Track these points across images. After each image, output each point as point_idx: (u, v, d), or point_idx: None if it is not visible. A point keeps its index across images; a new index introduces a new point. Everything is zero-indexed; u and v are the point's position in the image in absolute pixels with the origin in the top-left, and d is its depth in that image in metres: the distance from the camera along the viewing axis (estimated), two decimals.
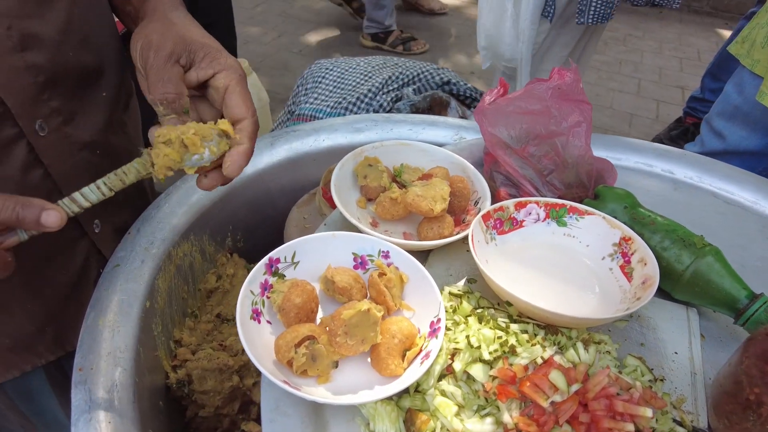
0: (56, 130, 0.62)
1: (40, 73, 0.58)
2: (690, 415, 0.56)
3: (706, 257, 0.64)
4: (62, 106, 0.62)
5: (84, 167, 0.66)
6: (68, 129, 0.63)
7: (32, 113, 0.59)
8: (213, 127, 0.51)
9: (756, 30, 1.12)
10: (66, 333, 0.71)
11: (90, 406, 0.58)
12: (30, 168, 0.60)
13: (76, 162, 0.65)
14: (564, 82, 0.71)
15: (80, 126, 0.65)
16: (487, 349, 0.54)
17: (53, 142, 0.62)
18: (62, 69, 0.61)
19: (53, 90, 0.61)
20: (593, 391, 0.50)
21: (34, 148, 0.60)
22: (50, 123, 0.61)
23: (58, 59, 0.60)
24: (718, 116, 1.21)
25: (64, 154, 0.63)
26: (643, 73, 3.24)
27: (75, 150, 0.65)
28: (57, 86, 0.61)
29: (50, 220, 0.47)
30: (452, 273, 0.70)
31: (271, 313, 0.60)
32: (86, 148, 0.67)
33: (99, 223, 0.72)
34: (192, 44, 0.54)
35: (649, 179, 0.90)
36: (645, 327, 0.65)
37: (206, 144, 0.50)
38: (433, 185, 0.70)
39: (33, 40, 0.57)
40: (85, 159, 0.66)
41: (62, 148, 0.63)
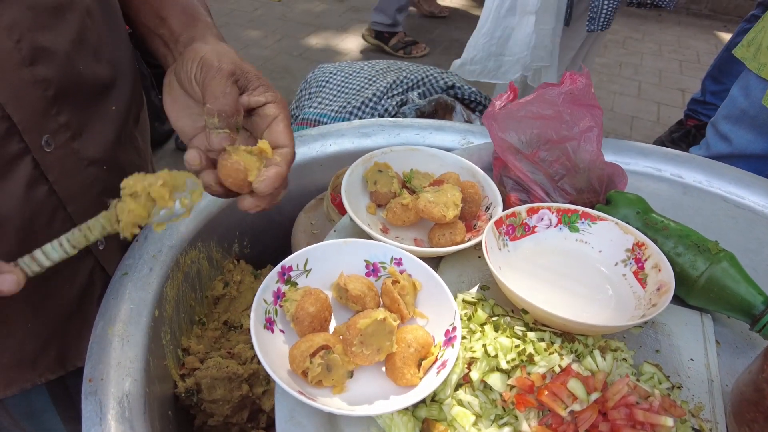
0: (63, 146, 0.60)
1: (50, 86, 0.57)
2: (708, 423, 0.55)
3: (721, 263, 0.63)
4: (71, 121, 0.60)
5: (91, 183, 0.64)
6: (76, 145, 0.62)
7: (39, 128, 0.57)
8: (187, 176, 0.47)
9: (762, 33, 1.12)
10: (68, 352, 0.68)
11: (101, 418, 0.57)
12: (34, 184, 0.58)
13: (83, 178, 0.63)
14: (576, 86, 0.71)
15: (88, 141, 0.63)
16: (505, 358, 0.54)
17: (60, 158, 0.60)
18: (73, 82, 0.59)
19: (62, 104, 0.59)
20: (613, 400, 0.50)
21: (39, 164, 0.58)
22: (57, 138, 0.59)
23: (69, 72, 0.59)
24: (724, 119, 1.21)
25: (70, 170, 0.61)
26: (643, 75, 3.25)
27: (82, 166, 0.63)
28: (67, 100, 0.59)
29: (5, 286, 0.44)
30: (465, 280, 0.69)
31: (284, 322, 0.59)
32: (94, 164, 0.64)
33: (104, 239, 0.69)
34: (248, 72, 0.56)
35: (659, 183, 0.89)
36: (660, 333, 0.64)
37: (177, 195, 0.46)
38: (445, 191, 0.70)
39: (43, 53, 0.55)
40: (92, 175, 0.64)
41: (69, 164, 0.61)
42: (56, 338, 0.67)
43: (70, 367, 0.69)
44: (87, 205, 0.64)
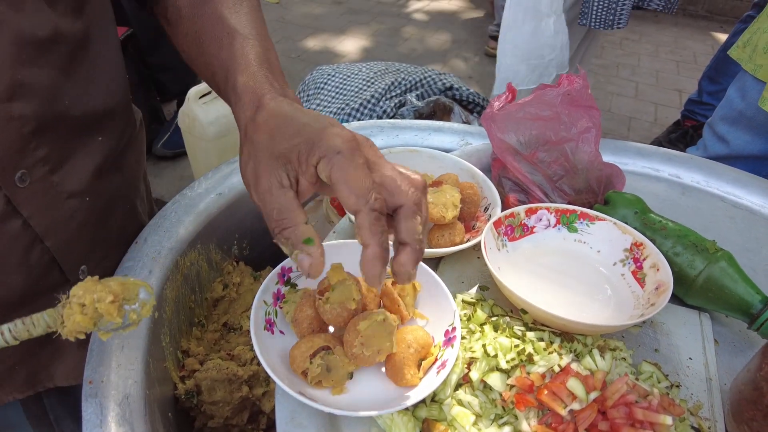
0: (41, 180, 0.56)
1: (28, 123, 0.52)
2: (707, 421, 0.55)
3: (719, 262, 0.64)
4: (50, 155, 0.56)
5: (70, 217, 0.61)
6: (55, 178, 0.57)
7: (14, 165, 0.52)
8: (141, 284, 0.44)
9: (758, 35, 1.13)
10: (38, 374, 0.66)
11: (101, 420, 0.57)
12: (6, 219, 0.54)
13: (63, 211, 0.60)
14: (573, 88, 0.71)
15: (69, 174, 0.59)
16: (505, 357, 0.54)
17: (35, 193, 0.55)
18: (55, 117, 0.55)
19: (42, 138, 0.54)
20: (612, 399, 0.50)
21: (11, 201, 0.53)
22: (34, 173, 0.54)
23: (52, 107, 0.54)
24: (721, 121, 1.22)
25: (47, 204, 0.57)
26: (640, 76, 3.26)
27: (61, 199, 0.59)
28: (46, 135, 0.55)
29: None
30: (464, 280, 0.69)
31: (283, 324, 0.59)
32: (74, 197, 0.60)
33: (86, 269, 0.65)
34: (288, 152, 0.44)
35: (657, 184, 0.90)
36: (658, 332, 0.64)
37: (127, 308, 0.44)
38: (444, 192, 0.70)
39: (22, 89, 0.51)
40: (72, 207, 0.60)
41: (46, 198, 0.57)
42: (24, 364, 0.64)
43: (40, 387, 0.68)
44: (66, 237, 0.61)
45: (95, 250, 0.67)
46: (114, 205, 0.69)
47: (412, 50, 3.51)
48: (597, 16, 1.59)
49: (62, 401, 0.75)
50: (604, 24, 1.62)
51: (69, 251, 0.62)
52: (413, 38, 3.66)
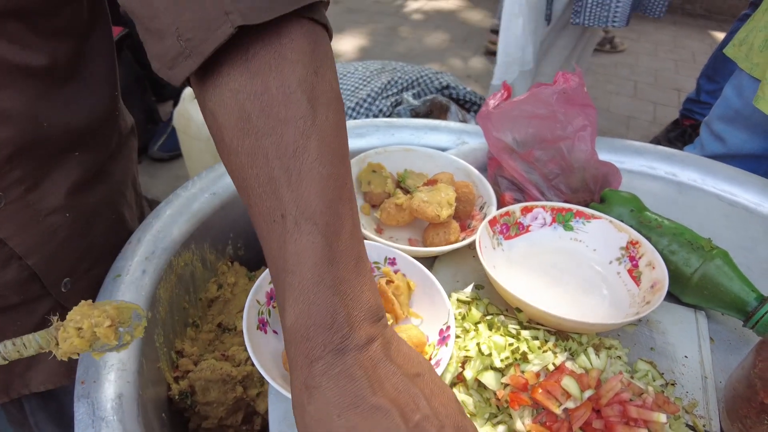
0: (16, 201, 0.54)
1: (4, 147, 0.51)
2: (702, 419, 0.55)
3: (715, 260, 0.64)
4: (26, 175, 0.54)
5: (51, 233, 0.59)
6: (31, 197, 0.55)
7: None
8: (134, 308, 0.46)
9: (754, 33, 1.12)
10: (12, 381, 0.66)
11: (93, 420, 0.57)
12: None
13: (41, 230, 0.58)
14: (569, 86, 0.71)
15: (46, 192, 0.57)
16: (499, 356, 0.54)
17: (12, 214, 0.54)
18: (32, 140, 0.53)
19: (19, 160, 0.53)
20: (606, 397, 0.50)
21: None
22: (9, 195, 0.53)
23: (29, 130, 0.52)
24: (718, 119, 1.22)
25: (24, 223, 0.56)
26: (639, 75, 3.26)
27: (39, 217, 0.57)
28: (24, 156, 0.53)
29: None
30: (459, 279, 0.69)
31: (277, 323, 0.59)
32: (53, 213, 0.59)
33: (69, 282, 0.64)
34: None
35: (653, 182, 0.89)
36: (654, 331, 0.64)
37: (122, 331, 0.45)
38: (439, 190, 0.70)
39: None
40: (52, 225, 0.59)
41: (23, 217, 0.55)
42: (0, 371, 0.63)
43: (14, 394, 0.67)
44: (48, 254, 0.60)
45: (80, 262, 0.66)
46: (98, 217, 0.68)
47: (410, 49, 3.51)
48: (591, 12, 1.59)
49: (43, 406, 0.74)
50: (598, 20, 1.61)
51: (51, 267, 0.61)
52: (411, 37, 3.66)
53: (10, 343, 0.44)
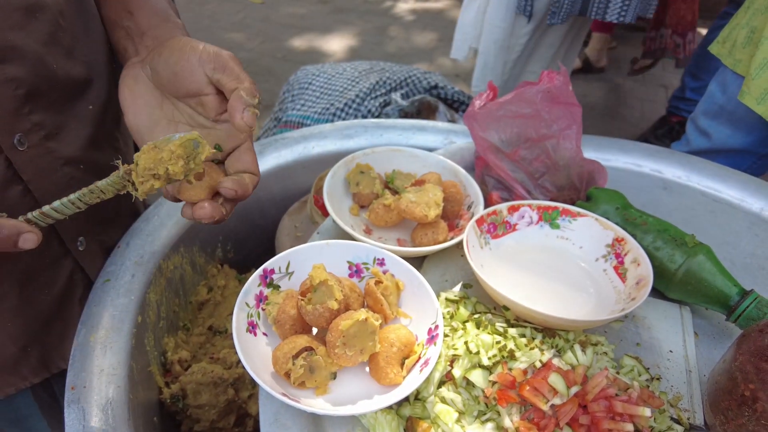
0: (37, 145, 0.59)
1: (21, 85, 0.56)
2: (686, 412, 0.56)
3: (698, 256, 0.65)
4: (45, 120, 0.60)
5: (67, 183, 0.63)
6: (51, 144, 0.61)
7: (11, 127, 0.56)
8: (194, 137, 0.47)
9: (737, 30, 1.14)
10: (51, 354, 0.68)
11: (84, 426, 0.57)
12: (8, 184, 0.58)
13: (59, 178, 0.62)
14: (554, 85, 0.72)
15: (64, 141, 0.63)
16: (486, 354, 0.54)
17: (33, 158, 0.59)
18: (45, 81, 0.59)
19: (35, 103, 0.58)
20: (592, 393, 0.51)
21: (13, 164, 0.57)
22: (31, 138, 0.58)
23: (41, 71, 0.58)
24: (703, 115, 1.23)
25: (45, 169, 0.61)
26: (626, 72, 3.28)
27: (57, 165, 0.62)
28: (39, 99, 0.59)
29: (28, 245, 0.46)
30: (448, 278, 0.70)
31: (266, 325, 0.59)
32: (70, 164, 0.64)
33: (84, 240, 0.69)
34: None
35: (639, 179, 0.91)
36: (640, 327, 0.65)
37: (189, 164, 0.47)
38: (426, 191, 0.70)
39: (13, 52, 0.54)
40: (68, 175, 0.63)
41: (43, 163, 0.60)
42: (37, 342, 0.66)
43: (54, 369, 0.69)
44: None
45: (91, 222, 0.70)
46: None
47: (399, 49, 3.51)
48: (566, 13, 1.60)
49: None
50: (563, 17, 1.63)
51: (67, 220, 0.63)
52: (400, 37, 3.66)
53: (87, 190, 0.48)
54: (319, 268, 0.55)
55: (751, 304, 0.61)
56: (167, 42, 0.55)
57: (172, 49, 0.54)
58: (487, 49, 1.77)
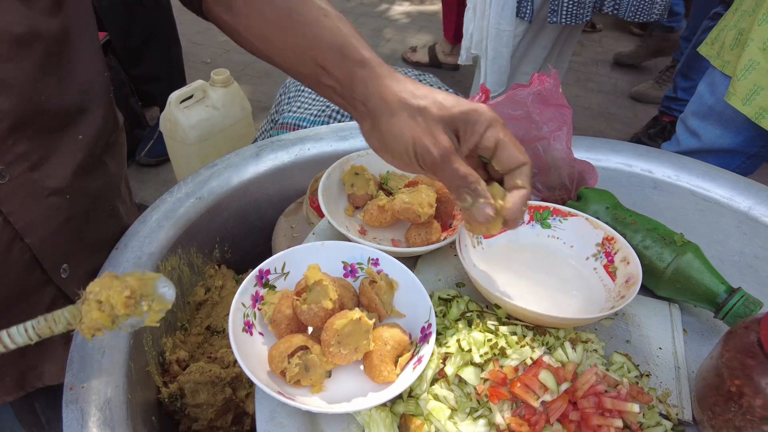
0: (20, 176, 0.56)
1: (5, 118, 0.53)
2: (675, 408, 0.57)
3: (686, 254, 0.66)
4: (29, 151, 0.57)
5: (50, 214, 0.61)
6: (35, 174, 0.58)
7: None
8: (157, 278, 0.45)
9: (725, 32, 1.16)
10: (26, 376, 0.67)
11: (82, 426, 0.57)
12: None
13: (43, 209, 0.60)
14: (544, 87, 0.73)
15: (49, 171, 0.60)
16: (478, 352, 0.55)
17: (16, 189, 0.56)
18: (32, 112, 0.56)
19: (20, 134, 0.55)
20: (582, 390, 0.52)
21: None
22: (13, 170, 0.56)
23: (29, 103, 0.55)
24: (692, 115, 1.25)
25: (27, 201, 0.58)
26: (619, 73, 3.31)
27: (41, 197, 0.59)
28: (25, 130, 0.56)
29: None
30: (441, 278, 0.71)
31: (262, 325, 0.60)
32: (55, 194, 0.61)
33: (67, 267, 0.66)
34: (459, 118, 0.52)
35: (630, 179, 0.92)
36: (630, 324, 0.66)
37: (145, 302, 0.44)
38: (420, 191, 0.71)
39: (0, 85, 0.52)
40: (53, 205, 0.61)
41: (26, 195, 0.58)
42: (12, 366, 0.65)
43: (29, 388, 0.68)
44: (47, 235, 0.62)
45: (76, 249, 0.68)
46: (95, 206, 0.70)
47: (394, 51, 3.52)
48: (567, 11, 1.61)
49: (52, 403, 0.75)
50: (575, 18, 1.64)
51: (50, 249, 0.63)
52: (395, 39, 3.68)
53: (43, 319, 0.45)
54: (314, 269, 0.56)
55: (738, 301, 0.62)
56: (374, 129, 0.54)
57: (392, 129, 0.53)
58: (499, 53, 1.76)
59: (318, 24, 0.55)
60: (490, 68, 1.81)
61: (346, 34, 0.55)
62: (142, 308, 0.44)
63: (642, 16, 1.63)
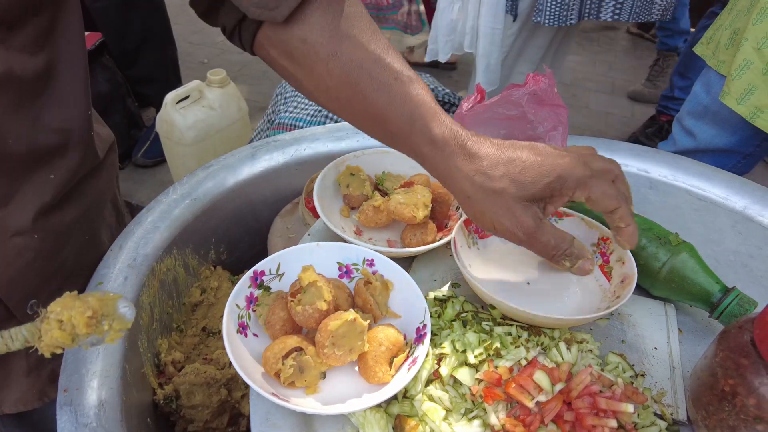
0: None
1: None
2: (670, 408, 0.57)
3: (681, 254, 0.66)
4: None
5: (17, 254, 0.58)
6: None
7: None
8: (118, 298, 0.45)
9: (720, 32, 1.16)
10: None
11: (76, 428, 0.57)
12: None
13: (7, 250, 0.57)
14: (539, 87, 0.73)
15: (12, 212, 0.56)
16: (473, 352, 0.55)
17: None
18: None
19: None
20: (577, 390, 0.52)
21: None
22: None
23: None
24: (688, 115, 1.25)
25: None
26: (617, 72, 3.31)
27: (4, 238, 0.56)
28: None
29: None
30: (436, 278, 0.71)
31: (257, 327, 0.60)
32: (19, 235, 0.57)
33: (35, 304, 0.59)
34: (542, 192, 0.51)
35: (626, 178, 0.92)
36: (625, 324, 0.66)
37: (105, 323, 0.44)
38: (415, 192, 0.71)
39: None
40: (17, 246, 0.57)
41: None
42: None
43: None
44: (12, 275, 0.59)
45: (47, 282, 0.65)
46: (69, 237, 0.66)
47: None
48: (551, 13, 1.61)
49: (19, 423, 0.74)
50: (558, 20, 1.64)
51: (14, 289, 0.60)
52: (392, 39, 3.68)
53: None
54: (309, 270, 0.56)
55: (733, 300, 0.62)
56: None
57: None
58: (488, 52, 1.77)
59: (388, 89, 0.51)
60: (479, 67, 1.81)
61: (417, 103, 0.51)
62: (102, 327, 0.44)
63: (642, 16, 1.64)
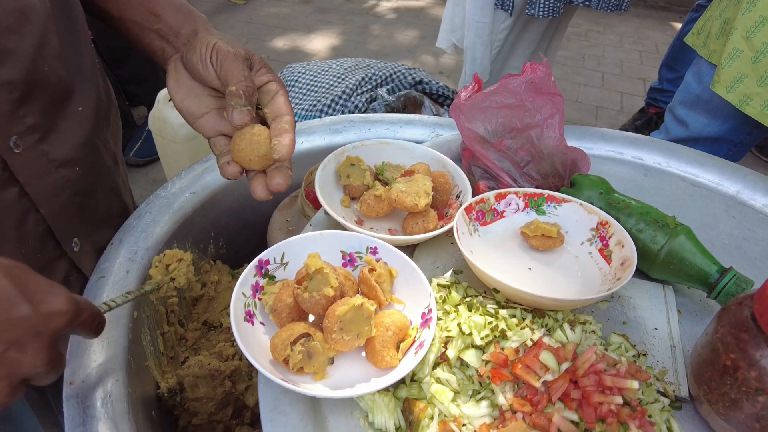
0: (32, 148, 0.60)
1: (15, 89, 0.57)
2: (672, 385, 0.58)
3: (679, 236, 0.67)
4: (38, 123, 0.61)
5: (63, 185, 0.65)
6: (44, 146, 0.62)
7: (6, 130, 0.57)
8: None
9: (711, 22, 1.18)
10: None
11: (84, 419, 0.57)
12: (5, 186, 0.58)
13: (54, 180, 0.64)
14: (536, 76, 0.74)
15: (57, 143, 0.64)
16: (479, 334, 0.56)
17: (29, 160, 0.60)
18: (38, 84, 0.59)
19: (29, 106, 0.59)
20: (582, 368, 0.52)
21: (9, 166, 0.58)
22: (25, 140, 0.59)
23: (34, 75, 0.58)
24: (680, 105, 1.27)
25: (40, 171, 0.62)
26: (606, 66, 3.35)
27: (52, 168, 0.63)
28: (32, 102, 0.59)
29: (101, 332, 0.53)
30: (439, 265, 0.71)
31: (263, 315, 0.60)
32: (65, 166, 0.65)
33: (78, 241, 0.70)
34: (253, 56, 0.60)
35: (621, 166, 0.93)
36: (626, 306, 0.67)
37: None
38: (416, 181, 0.72)
39: (8, 55, 0.55)
40: (63, 177, 0.65)
41: (38, 165, 0.61)
42: None
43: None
44: (59, 206, 0.64)
45: (84, 223, 0.71)
46: (100, 179, 0.73)
47: (381, 47, 3.53)
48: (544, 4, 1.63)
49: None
50: (550, 12, 1.65)
51: (62, 221, 0.66)
52: (382, 35, 3.68)
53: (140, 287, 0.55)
54: (315, 257, 0.57)
55: (730, 280, 0.63)
56: (194, 39, 0.60)
57: (194, 47, 0.58)
58: (473, 45, 1.79)
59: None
60: (466, 60, 1.83)
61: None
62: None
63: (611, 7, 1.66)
